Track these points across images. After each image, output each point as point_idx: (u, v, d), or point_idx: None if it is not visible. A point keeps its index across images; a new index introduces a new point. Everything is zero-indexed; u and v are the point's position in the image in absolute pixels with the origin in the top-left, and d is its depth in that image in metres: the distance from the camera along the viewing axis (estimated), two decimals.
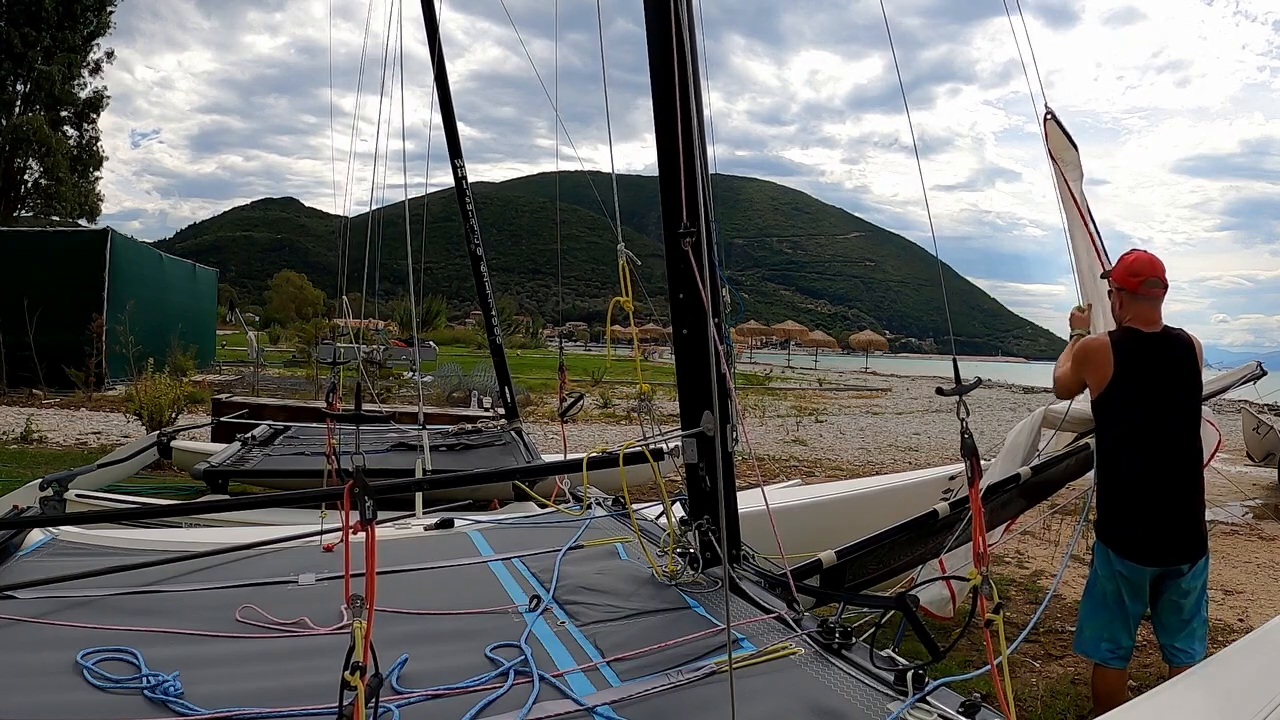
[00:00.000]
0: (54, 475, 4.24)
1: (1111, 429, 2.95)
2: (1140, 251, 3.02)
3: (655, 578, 2.67)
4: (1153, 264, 2.93)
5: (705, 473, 2.82)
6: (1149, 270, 2.92)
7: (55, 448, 9.44)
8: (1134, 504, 2.86)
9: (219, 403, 9.68)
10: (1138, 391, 2.86)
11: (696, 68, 2.75)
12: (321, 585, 2.58)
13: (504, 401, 7.27)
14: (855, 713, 1.77)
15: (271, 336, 40.24)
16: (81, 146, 29.48)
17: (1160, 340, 2.92)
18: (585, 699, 1.84)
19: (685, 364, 2.83)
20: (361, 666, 1.34)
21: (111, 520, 3.40)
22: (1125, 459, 2.89)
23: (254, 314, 64.63)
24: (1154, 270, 2.92)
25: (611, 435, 11.81)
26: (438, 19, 6.57)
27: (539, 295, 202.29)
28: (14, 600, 2.30)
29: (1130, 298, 2.95)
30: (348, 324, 9.18)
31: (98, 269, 15.59)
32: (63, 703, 1.74)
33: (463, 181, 6.94)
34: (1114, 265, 3.10)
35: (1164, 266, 2.94)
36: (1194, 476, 2.91)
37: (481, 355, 19.61)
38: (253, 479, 5.81)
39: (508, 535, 3.29)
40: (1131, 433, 2.88)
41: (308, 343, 20.55)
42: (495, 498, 5.00)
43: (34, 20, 26.12)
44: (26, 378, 14.43)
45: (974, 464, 1.85)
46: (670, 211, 2.66)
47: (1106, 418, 2.96)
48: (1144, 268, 2.93)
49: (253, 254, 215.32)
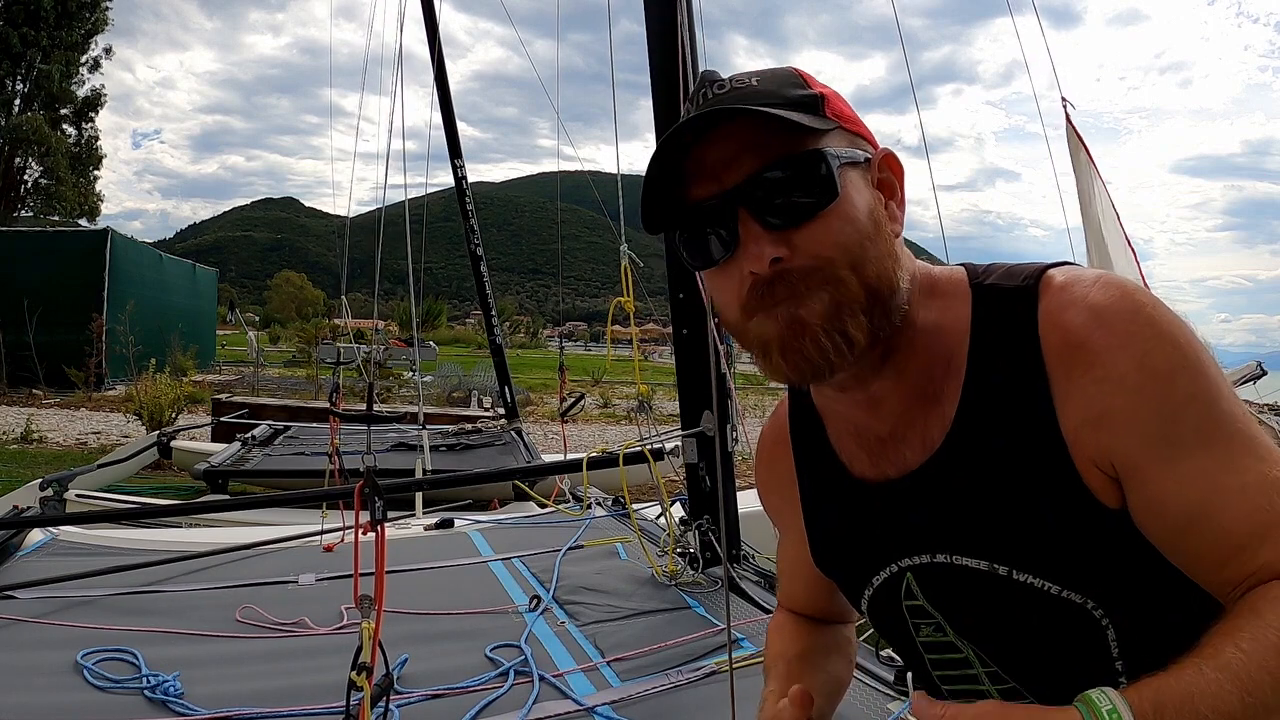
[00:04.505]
0: (54, 475, 4.25)
1: None
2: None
3: (655, 578, 2.67)
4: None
5: (705, 473, 2.82)
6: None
7: (55, 448, 9.43)
8: None
9: (219, 403, 9.68)
10: None
11: (697, 68, 2.75)
12: (321, 585, 2.58)
13: (504, 401, 7.27)
14: (855, 713, 1.77)
15: (271, 336, 40.27)
16: (81, 145, 29.49)
17: None
18: (585, 699, 1.84)
19: (685, 364, 2.83)
20: (369, 667, 1.34)
21: (111, 520, 3.40)
22: None
23: (254, 314, 64.69)
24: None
25: (611, 435, 11.81)
26: (438, 19, 6.57)
27: (539, 295, 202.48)
28: (14, 600, 2.30)
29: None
30: (347, 324, 9.18)
31: (98, 269, 15.58)
32: (63, 703, 1.74)
33: (463, 181, 6.94)
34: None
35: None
36: None
37: (481, 355, 19.62)
38: (253, 479, 5.81)
39: (508, 535, 3.29)
40: None
41: (308, 343, 20.55)
42: (495, 498, 5.00)
43: (32, 19, 26.13)
44: (26, 378, 14.41)
45: None
46: None
47: None
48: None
49: (253, 254, 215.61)
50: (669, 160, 0.70)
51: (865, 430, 0.79)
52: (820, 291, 0.68)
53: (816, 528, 0.89)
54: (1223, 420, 0.66)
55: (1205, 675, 0.58)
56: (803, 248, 0.67)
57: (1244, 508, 0.64)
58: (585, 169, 6.32)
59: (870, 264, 0.69)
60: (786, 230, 0.67)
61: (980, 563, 0.73)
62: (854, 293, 0.68)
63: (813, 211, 0.67)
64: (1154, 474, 0.66)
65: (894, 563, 0.79)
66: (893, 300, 0.71)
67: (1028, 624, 0.73)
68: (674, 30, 2.57)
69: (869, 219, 0.70)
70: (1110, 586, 0.71)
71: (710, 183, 0.69)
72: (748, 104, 0.67)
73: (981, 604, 0.75)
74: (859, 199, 0.70)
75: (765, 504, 0.98)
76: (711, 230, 0.70)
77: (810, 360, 0.69)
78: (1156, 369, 0.65)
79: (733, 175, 0.68)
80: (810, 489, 0.88)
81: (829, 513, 0.86)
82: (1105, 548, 0.69)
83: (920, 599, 0.79)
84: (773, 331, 0.69)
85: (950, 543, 0.75)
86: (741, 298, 0.70)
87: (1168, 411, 0.65)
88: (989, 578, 0.73)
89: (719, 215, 0.69)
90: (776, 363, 0.70)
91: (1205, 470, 0.65)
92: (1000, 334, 0.71)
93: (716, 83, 0.70)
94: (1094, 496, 0.68)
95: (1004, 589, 0.72)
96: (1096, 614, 0.71)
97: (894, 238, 0.72)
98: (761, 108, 0.66)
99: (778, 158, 0.67)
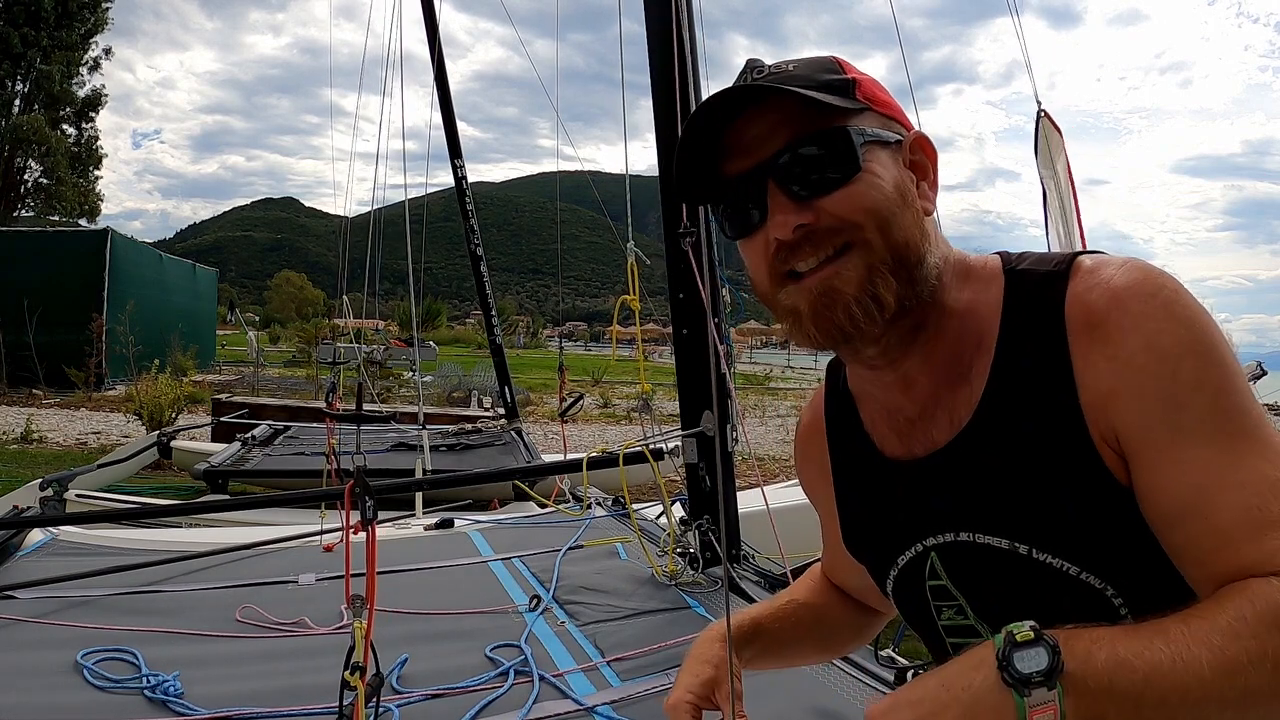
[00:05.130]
0: (54, 475, 4.24)
1: None
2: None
3: (655, 578, 2.67)
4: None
5: (705, 473, 2.82)
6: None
7: (55, 448, 9.43)
8: None
9: (219, 403, 9.68)
10: None
11: (697, 67, 2.75)
12: (321, 585, 2.58)
13: (504, 401, 7.27)
14: (855, 713, 1.77)
15: (271, 336, 40.27)
16: (81, 145, 29.49)
17: None
18: (585, 699, 1.84)
19: (685, 364, 2.83)
20: (361, 667, 1.34)
21: (111, 520, 3.39)
22: None
23: (254, 314, 64.72)
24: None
25: (611, 435, 11.81)
26: (438, 19, 6.58)
27: (539, 295, 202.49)
28: (14, 600, 2.30)
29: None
30: (348, 324, 9.18)
31: (98, 269, 15.59)
32: (63, 703, 1.74)
33: (463, 181, 6.95)
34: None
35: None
36: None
37: (481, 355, 19.62)
38: (253, 479, 5.81)
39: (508, 535, 3.29)
40: None
41: (308, 343, 20.55)
42: (495, 498, 5.01)
43: (33, 20, 26.13)
44: (27, 378, 14.41)
45: None
46: (670, 211, 2.65)
47: None
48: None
49: (253, 254, 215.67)
50: (705, 138, 0.75)
51: (896, 412, 0.82)
52: (852, 258, 0.71)
53: (847, 509, 0.92)
54: (1231, 413, 0.66)
55: (1137, 630, 0.59)
56: (828, 211, 0.72)
57: (1238, 505, 0.63)
58: (585, 169, 6.33)
59: (896, 230, 0.72)
60: (811, 200, 0.72)
61: (1002, 541, 0.75)
62: (880, 254, 0.71)
63: (836, 184, 0.71)
64: (1154, 459, 0.67)
65: (919, 542, 0.82)
66: (919, 270, 0.73)
67: (1046, 607, 0.74)
68: (674, 30, 2.57)
69: (895, 192, 0.73)
70: (1129, 573, 0.72)
71: (743, 158, 0.74)
72: (781, 86, 0.71)
73: (1001, 583, 0.76)
74: (885, 174, 0.73)
75: (802, 483, 1.03)
76: (744, 202, 0.75)
77: (840, 327, 0.72)
78: (1165, 351, 0.66)
79: (763, 150, 0.73)
80: (842, 470, 0.92)
81: (859, 493, 0.89)
82: (1125, 532, 0.70)
83: (943, 578, 0.81)
84: (804, 301, 0.73)
85: (973, 521, 0.76)
86: (770, 263, 0.74)
87: (1172, 396, 0.66)
88: (1010, 556, 0.74)
89: (750, 188, 0.74)
90: (808, 329, 0.74)
91: (1205, 462, 0.65)
92: (1030, 317, 0.73)
93: (757, 68, 0.75)
94: (1113, 477, 0.69)
95: (1024, 569, 0.74)
96: (1115, 601, 0.72)
97: (924, 215, 0.75)
98: (791, 88, 0.70)
99: (804, 134, 0.72)
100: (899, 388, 0.80)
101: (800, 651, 1.06)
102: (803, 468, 1.01)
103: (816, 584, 1.07)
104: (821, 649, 1.08)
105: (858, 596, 1.05)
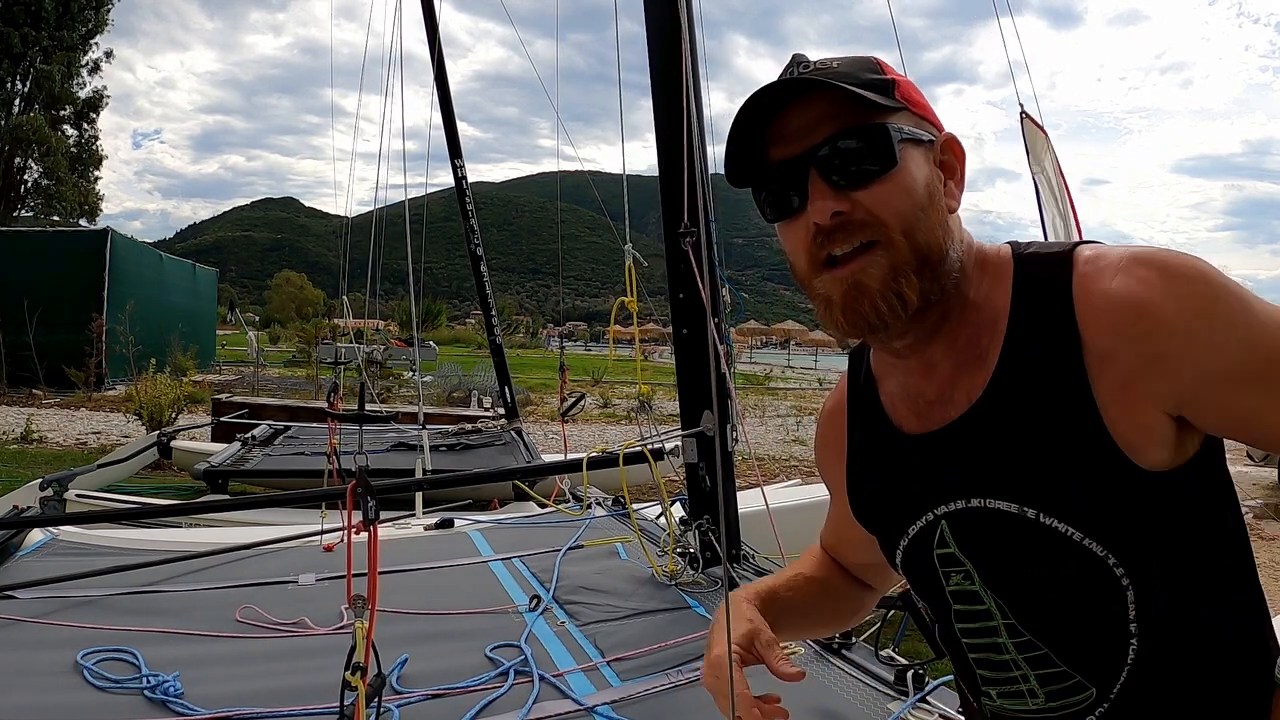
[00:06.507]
0: (54, 475, 4.24)
1: None
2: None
3: (655, 578, 2.67)
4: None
5: (705, 473, 2.82)
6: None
7: (55, 448, 9.43)
8: None
9: (219, 403, 9.67)
10: None
11: (697, 68, 2.75)
12: (321, 585, 2.58)
13: (504, 401, 7.27)
14: (855, 713, 1.77)
15: (271, 336, 40.25)
16: (81, 146, 29.48)
17: None
18: (585, 699, 1.84)
19: (685, 364, 2.83)
20: (363, 667, 1.34)
21: (111, 520, 3.40)
22: None
23: (254, 314, 64.73)
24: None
25: (611, 435, 11.81)
26: (438, 19, 6.58)
27: (539, 295, 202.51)
28: (14, 600, 2.30)
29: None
30: (348, 324, 9.18)
31: (98, 269, 15.58)
32: (63, 703, 1.74)
33: (463, 181, 6.94)
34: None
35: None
36: None
37: (481, 355, 19.62)
38: (253, 479, 5.81)
39: (508, 535, 3.29)
40: None
41: (308, 343, 20.54)
42: (495, 498, 5.00)
43: (33, 20, 26.12)
44: (26, 378, 14.40)
45: None
46: (670, 211, 2.66)
47: None
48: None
49: (253, 254, 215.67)
50: (754, 125, 0.79)
51: (917, 395, 0.86)
52: (878, 257, 0.76)
53: (861, 483, 0.96)
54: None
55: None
56: (862, 204, 0.76)
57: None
58: (585, 169, 6.32)
59: (921, 231, 0.77)
60: (849, 190, 0.76)
61: (1011, 505, 0.78)
62: (904, 255, 0.76)
63: (873, 177, 0.76)
64: (1240, 400, 0.71)
65: (930, 510, 0.85)
66: (941, 267, 0.78)
67: (1051, 573, 0.78)
68: (674, 30, 2.57)
69: (924, 191, 0.78)
70: (1133, 545, 0.75)
71: (788, 146, 0.78)
72: (829, 81, 0.75)
73: (1009, 547, 0.79)
74: (917, 172, 0.78)
75: (819, 463, 1.07)
76: (786, 188, 0.80)
77: (867, 319, 0.78)
78: (1199, 309, 0.69)
79: (807, 140, 0.77)
80: (859, 446, 0.96)
81: (875, 467, 0.93)
82: (1131, 510, 0.74)
83: (952, 546, 0.84)
84: (836, 292, 0.78)
85: (984, 487, 0.80)
86: (808, 246, 0.79)
87: (1226, 342, 0.69)
88: (1018, 521, 0.78)
89: (793, 175, 0.78)
90: (837, 318, 0.79)
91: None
92: (1039, 301, 0.77)
93: (803, 64, 0.79)
94: (1127, 459, 0.72)
95: (1031, 534, 0.77)
96: (1118, 571, 0.75)
97: (948, 212, 0.80)
98: (837, 83, 0.75)
99: (847, 128, 0.76)
100: (921, 373, 0.85)
101: (808, 622, 1.10)
102: (821, 449, 1.06)
103: (819, 559, 1.12)
104: (825, 621, 1.13)
105: (856, 573, 1.10)
